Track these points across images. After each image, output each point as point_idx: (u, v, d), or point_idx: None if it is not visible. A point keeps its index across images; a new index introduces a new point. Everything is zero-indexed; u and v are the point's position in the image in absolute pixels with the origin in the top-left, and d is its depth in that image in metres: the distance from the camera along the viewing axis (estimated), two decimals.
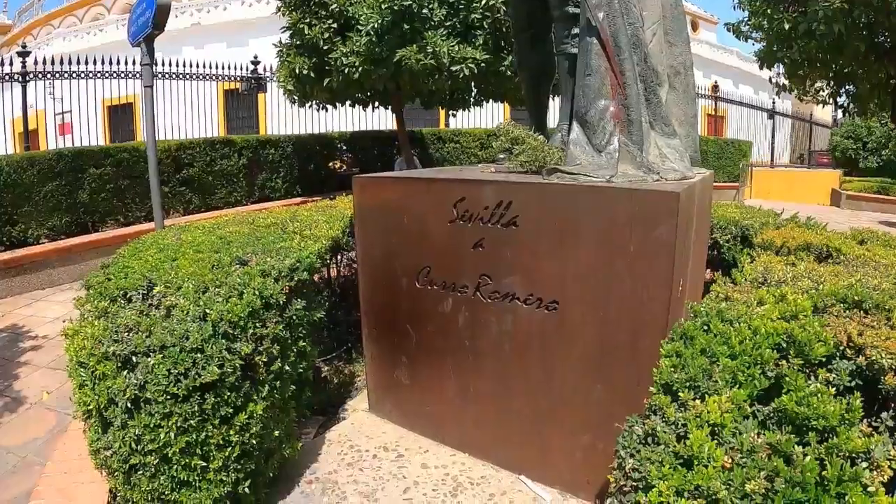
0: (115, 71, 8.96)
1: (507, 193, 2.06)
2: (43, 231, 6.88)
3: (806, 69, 9.14)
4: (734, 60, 23.52)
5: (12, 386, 4.03)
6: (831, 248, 2.57)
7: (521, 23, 3.23)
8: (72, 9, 27.01)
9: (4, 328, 5.26)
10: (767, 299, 1.63)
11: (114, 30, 18.65)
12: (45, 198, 6.86)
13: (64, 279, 6.72)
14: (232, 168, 8.97)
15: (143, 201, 7.84)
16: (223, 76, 10.44)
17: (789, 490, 0.93)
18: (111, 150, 7.64)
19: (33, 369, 4.29)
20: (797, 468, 0.96)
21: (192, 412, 1.82)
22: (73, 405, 2.15)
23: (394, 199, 2.50)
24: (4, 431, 3.36)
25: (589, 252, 1.91)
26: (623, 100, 2.30)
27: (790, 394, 1.15)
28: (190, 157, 8.38)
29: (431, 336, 2.44)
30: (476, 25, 6.71)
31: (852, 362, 1.32)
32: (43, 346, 4.81)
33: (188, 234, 2.89)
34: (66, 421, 3.34)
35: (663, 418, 1.17)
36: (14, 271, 6.32)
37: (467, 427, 2.40)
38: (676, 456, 1.06)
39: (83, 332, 1.99)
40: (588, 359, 1.95)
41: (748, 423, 1.12)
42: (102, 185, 7.41)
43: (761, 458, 1.01)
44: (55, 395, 3.82)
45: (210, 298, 1.98)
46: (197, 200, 8.53)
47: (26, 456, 3.06)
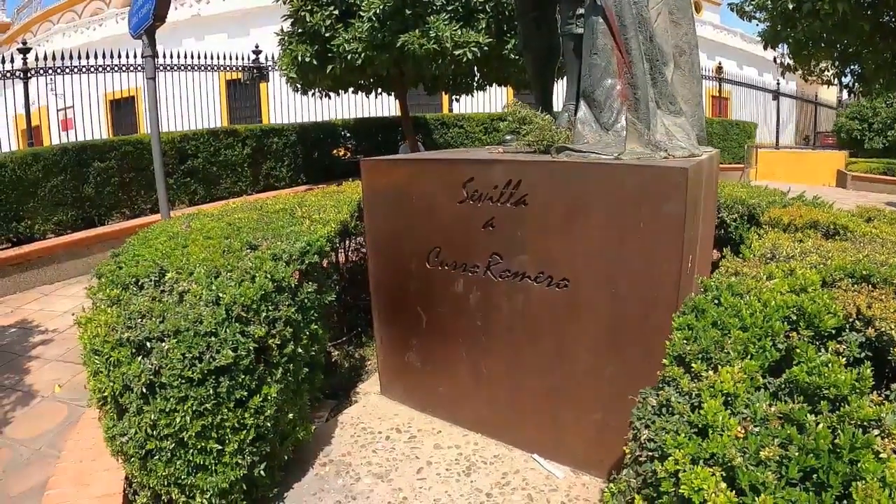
0: (115, 64, 8.95)
1: (516, 172, 2.06)
2: (49, 226, 6.91)
3: (810, 49, 9.04)
4: (738, 42, 23.33)
5: (24, 380, 4.07)
6: (838, 226, 2.56)
7: (525, 5, 3.22)
8: (71, 4, 26.92)
9: (14, 323, 5.29)
10: (776, 273, 1.64)
11: (113, 24, 18.60)
12: (51, 193, 6.88)
13: (71, 273, 6.77)
14: (236, 158, 9.00)
15: (149, 193, 7.86)
16: (225, 66, 10.41)
17: (803, 457, 0.94)
18: (115, 144, 7.65)
19: (44, 363, 4.33)
20: (810, 436, 0.97)
21: (208, 396, 1.84)
22: (88, 393, 2.17)
23: (402, 180, 2.51)
24: (18, 425, 3.40)
25: (599, 229, 1.92)
26: (630, 78, 2.30)
27: (801, 364, 1.16)
28: (194, 147, 8.42)
29: (442, 317, 2.45)
30: (478, 9, 6.70)
31: (861, 334, 1.33)
32: (53, 339, 4.84)
33: (197, 222, 2.90)
34: (78, 412, 3.38)
35: (677, 389, 1.18)
36: (21, 267, 6.36)
37: (480, 407, 2.42)
38: (691, 425, 1.07)
39: (97, 320, 2.01)
40: (599, 336, 1.97)
41: (760, 395, 1.13)
42: (107, 178, 7.44)
43: (774, 426, 1.02)
44: (67, 387, 3.85)
45: (222, 283, 1.99)
46: (202, 191, 8.59)
47: (40, 448, 3.10)
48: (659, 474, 1.01)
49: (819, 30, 8.12)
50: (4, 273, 6.20)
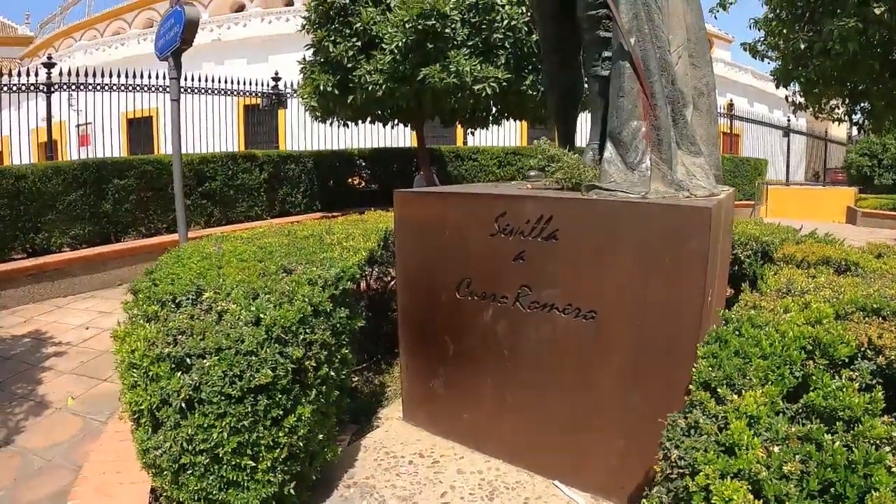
0: (137, 84, 9.20)
1: (548, 208, 2.18)
2: (66, 239, 7.05)
3: (821, 87, 9.24)
4: (749, 79, 23.66)
5: (36, 390, 4.11)
6: (849, 262, 2.69)
7: (550, 45, 3.37)
8: (93, 22, 27.72)
9: (27, 333, 5.37)
10: (792, 307, 1.75)
11: (135, 44, 19.12)
12: (69, 207, 7.05)
13: (85, 287, 6.87)
14: (253, 182, 9.17)
15: (165, 213, 8.06)
16: (244, 92, 10.66)
17: (822, 471, 1.05)
18: (135, 162, 7.87)
19: (57, 374, 4.37)
20: (827, 452, 1.08)
21: (246, 413, 1.91)
22: (111, 406, 2.25)
23: (435, 212, 2.62)
24: (30, 434, 3.44)
25: (626, 264, 2.02)
26: (654, 120, 2.42)
27: (817, 390, 1.27)
28: (212, 170, 8.61)
29: (469, 346, 2.54)
30: (498, 45, 6.87)
31: (873, 362, 1.44)
32: (67, 352, 4.88)
33: (228, 244, 3.01)
34: (93, 426, 3.46)
35: (704, 411, 1.29)
36: (36, 278, 6.48)
37: (503, 434, 2.50)
38: (719, 444, 1.18)
39: (135, 335, 2.08)
40: (624, 366, 2.06)
41: (780, 418, 1.25)
42: (126, 196, 7.62)
43: (795, 444, 1.13)
44: (80, 400, 3.90)
45: (262, 304, 2.08)
46: (218, 213, 8.77)
47: (52, 458, 3.14)
48: (690, 489, 1.12)
49: (830, 68, 8.32)
50: (19, 283, 6.33)
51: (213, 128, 10.24)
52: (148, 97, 9.42)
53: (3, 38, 33.07)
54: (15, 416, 3.71)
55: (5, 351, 4.93)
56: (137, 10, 26.10)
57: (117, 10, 27.14)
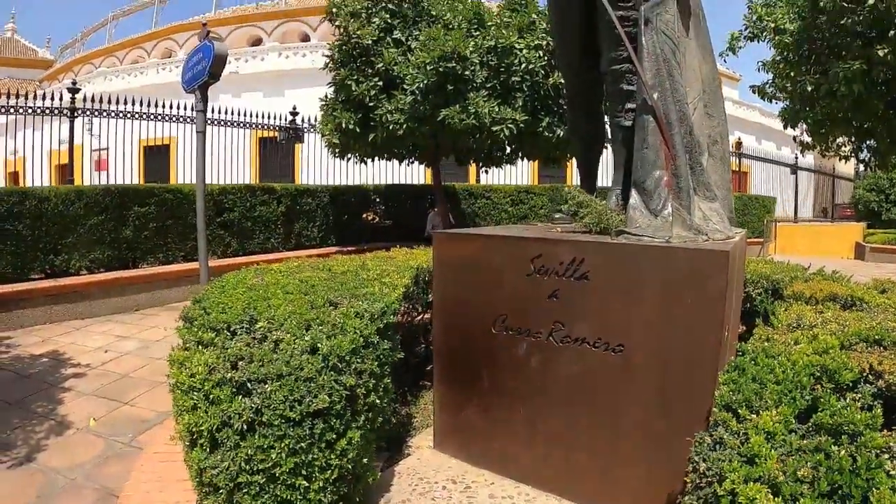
0: (159, 114, 9.42)
1: (580, 251, 2.40)
2: (85, 263, 7.28)
3: (828, 127, 9.54)
4: (756, 116, 24.05)
5: (57, 410, 4.18)
6: (855, 298, 2.92)
7: (576, 96, 3.65)
8: (113, 50, 28.49)
9: (45, 353, 5.50)
10: (802, 339, 1.99)
11: (153, 73, 19.66)
12: (90, 231, 7.28)
13: (102, 311, 7.06)
14: (271, 214, 9.42)
15: (184, 241, 8.31)
16: (263, 125, 10.91)
17: (830, 475, 1.28)
18: (156, 190, 8.12)
19: (77, 395, 4.45)
20: (835, 460, 1.31)
21: (304, 435, 2.08)
22: (175, 428, 2.43)
23: (472, 253, 2.83)
24: (52, 453, 3.51)
25: (651, 301, 2.24)
26: (674, 170, 2.67)
27: (825, 410, 1.49)
28: (231, 201, 8.88)
29: (503, 377, 2.73)
30: (516, 88, 7.14)
31: (874, 385, 1.66)
32: (86, 374, 4.96)
33: (270, 276, 3.22)
34: (115, 448, 3.56)
35: (727, 429, 1.52)
36: (54, 299, 6.67)
37: (533, 461, 2.66)
38: (741, 455, 1.41)
39: (195, 360, 2.27)
40: (649, 395, 2.25)
41: (793, 435, 1.47)
42: (146, 223, 7.86)
43: (807, 454, 1.35)
44: (102, 422, 3.97)
45: (316, 334, 2.30)
46: (235, 244, 9.03)
47: (75, 478, 3.22)
48: (718, 493, 1.34)
49: (836, 109, 8.61)
50: (37, 303, 6.52)
51: (228, 159, 10.46)
52: (165, 126, 9.72)
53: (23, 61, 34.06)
54: (36, 434, 3.79)
55: (23, 369, 5.03)
56: (156, 40, 26.85)
57: (137, 38, 27.95)
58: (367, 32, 7.38)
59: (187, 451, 2.32)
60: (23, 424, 3.89)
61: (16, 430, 3.79)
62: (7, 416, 4.02)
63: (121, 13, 31.03)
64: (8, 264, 6.62)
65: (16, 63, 33.72)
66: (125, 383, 4.74)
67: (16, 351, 5.59)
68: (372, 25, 7.52)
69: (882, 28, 7.52)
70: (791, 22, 8.61)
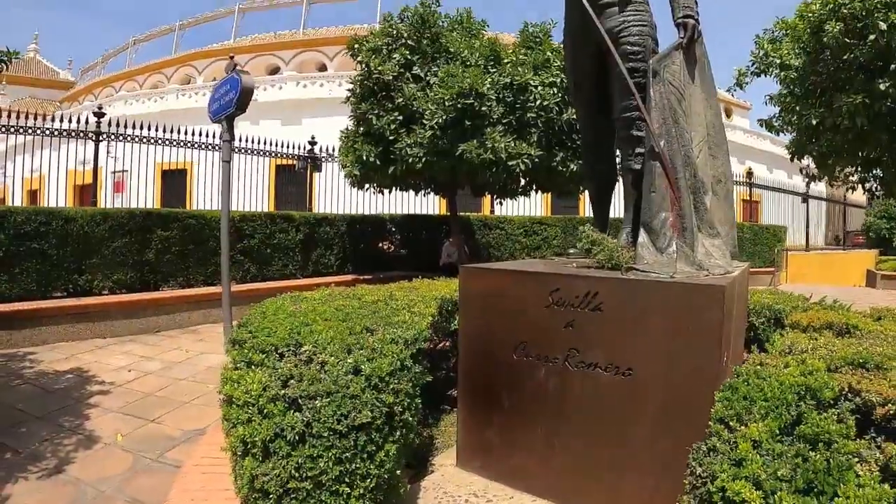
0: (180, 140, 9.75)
1: (594, 286, 2.71)
2: (107, 283, 7.60)
3: (834, 159, 9.85)
4: (767, 146, 24.36)
5: (84, 425, 4.31)
6: (849, 326, 3.24)
7: (589, 139, 3.97)
8: (133, 74, 29.27)
9: (69, 370, 5.71)
10: (791, 363, 2.27)
11: (173, 98, 20.27)
12: (114, 252, 7.62)
13: (124, 331, 7.32)
14: (289, 242, 9.69)
15: (205, 266, 8.62)
16: (282, 154, 11.21)
17: (807, 474, 1.55)
18: (179, 215, 8.47)
19: (103, 412, 4.59)
20: (811, 463, 1.59)
21: (349, 446, 2.37)
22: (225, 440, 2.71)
23: (495, 286, 3.14)
24: (81, 466, 3.64)
25: (657, 331, 2.53)
26: (679, 211, 2.98)
27: (807, 424, 1.78)
28: (251, 228, 9.18)
29: (523, 399, 3.01)
30: (531, 123, 7.46)
31: (852, 402, 1.94)
32: (111, 391, 5.13)
33: (305, 304, 3.55)
34: (143, 462, 3.71)
35: (720, 438, 1.80)
36: (77, 318, 6.94)
37: (550, 476, 2.93)
38: (730, 459, 1.69)
39: (249, 378, 2.56)
40: (655, 415, 2.53)
41: (777, 444, 1.74)
42: (168, 246, 8.19)
43: (788, 459, 1.63)
44: (128, 438, 4.10)
45: (358, 357, 2.61)
46: (254, 270, 9.38)
47: (105, 490, 3.34)
48: (711, 490, 1.62)
49: (841, 142, 8.91)
50: (60, 321, 6.80)
51: (246, 186, 10.74)
52: (183, 150, 10.01)
53: (45, 81, 35.10)
54: (65, 447, 3.92)
55: (49, 384, 5.22)
56: (176, 66, 27.63)
57: (157, 63, 28.75)
58: (387, 69, 7.73)
59: (238, 461, 2.57)
60: (51, 437, 4.05)
61: (44, 443, 3.96)
62: (35, 428, 4.20)
63: (142, 38, 31.95)
64: (33, 282, 6.95)
65: (37, 83, 34.81)
66: (150, 402, 4.90)
67: (40, 366, 5.81)
68: (392, 61, 7.86)
69: (884, 62, 7.86)
70: (796, 57, 8.92)
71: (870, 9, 7.62)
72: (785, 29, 9.49)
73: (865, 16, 7.71)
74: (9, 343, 6.48)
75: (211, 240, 8.62)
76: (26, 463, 3.66)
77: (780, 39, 9.56)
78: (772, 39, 9.67)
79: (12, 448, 3.86)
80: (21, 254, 6.89)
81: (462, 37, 8.42)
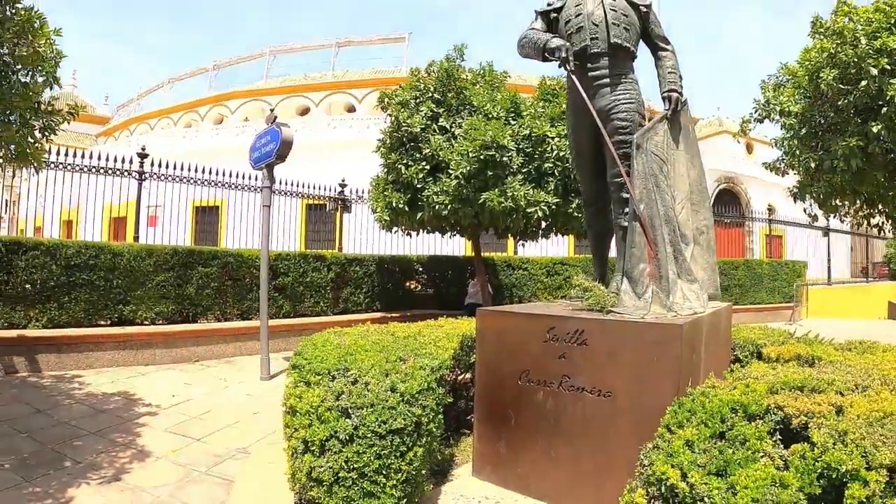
0: (219, 181, 10.39)
1: (581, 325, 3.40)
2: (150, 314, 8.22)
3: (834, 199, 10.28)
4: (790, 180, 24.60)
5: (136, 441, 4.69)
6: (814, 357, 3.88)
7: (589, 198, 4.67)
8: (168, 112, 30.39)
9: (116, 392, 6.20)
10: (739, 386, 2.88)
11: (207, 138, 21.26)
12: (157, 286, 8.27)
13: (165, 360, 7.96)
14: (321, 280, 10.23)
15: (241, 301, 9.29)
16: (314, 195, 11.81)
17: (720, 463, 2.19)
18: (219, 253, 9.12)
19: (153, 430, 5.00)
20: (726, 455, 2.23)
21: (386, 446, 3.04)
22: (285, 442, 3.38)
23: (505, 325, 3.83)
24: (137, 475, 4.04)
25: (630, 360, 3.20)
26: (655, 262, 3.70)
27: (734, 430, 2.42)
28: (286, 266, 9.77)
29: (526, 417, 3.66)
30: (548, 173, 8.08)
31: (776, 415, 2.54)
32: (158, 413, 5.58)
33: (347, 338, 4.28)
34: (194, 475, 4.14)
35: (662, 439, 2.47)
36: (121, 345, 7.61)
37: (548, 482, 3.56)
38: (666, 452, 2.35)
39: (310, 393, 3.26)
40: (629, 428, 3.16)
41: (706, 444, 2.42)
42: (208, 282, 8.83)
43: (710, 452, 2.31)
44: (180, 453, 4.48)
45: (394, 379, 3.34)
46: (287, 307, 9.90)
47: (160, 496, 3.76)
48: (649, 474, 2.30)
49: (840, 182, 9.38)
50: (105, 348, 7.46)
51: (277, 225, 11.13)
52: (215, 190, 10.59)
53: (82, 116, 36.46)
54: (120, 459, 4.29)
55: (98, 405, 5.67)
56: (210, 105, 28.85)
57: (191, 103, 30.02)
58: (415, 121, 8.42)
59: (298, 458, 3.22)
60: (106, 450, 4.43)
61: (101, 455, 4.35)
62: (90, 442, 4.60)
63: (176, 78, 33.30)
64: (81, 310, 7.61)
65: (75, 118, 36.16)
66: (194, 423, 5.32)
67: (88, 388, 6.31)
68: (420, 114, 8.55)
69: (876, 106, 8.36)
70: (795, 104, 9.47)
71: (861, 55, 8.12)
72: (788, 74, 10.08)
73: (858, 62, 8.22)
74: (57, 365, 7.13)
75: (247, 277, 9.25)
76: (86, 471, 4.09)
77: (784, 84, 10.12)
78: (776, 85, 10.25)
79: (71, 458, 4.28)
80: (71, 284, 7.51)
81: (484, 90, 9.08)
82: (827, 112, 9.20)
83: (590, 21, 4.28)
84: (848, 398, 2.67)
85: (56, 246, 7.47)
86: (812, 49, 9.23)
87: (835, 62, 8.68)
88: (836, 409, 2.54)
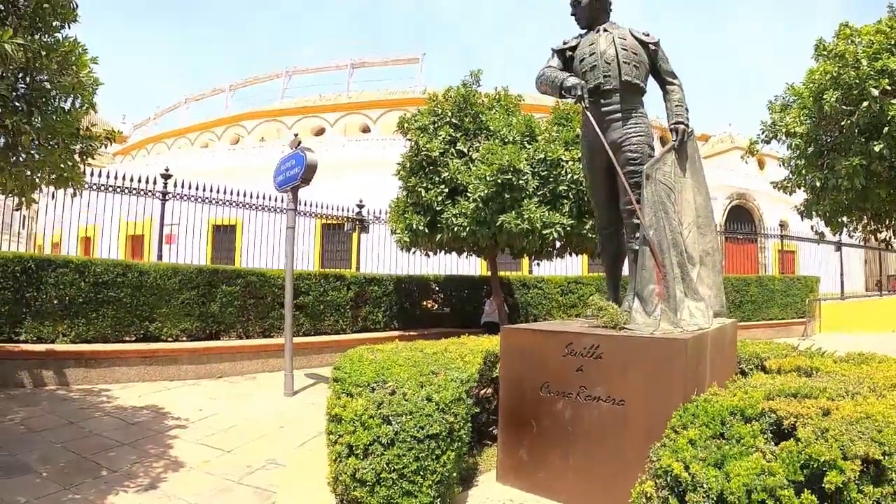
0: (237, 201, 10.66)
1: (597, 340, 3.79)
2: (175, 331, 8.46)
3: (840, 218, 10.61)
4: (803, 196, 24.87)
5: (168, 452, 4.84)
6: (813, 368, 4.24)
7: (603, 223, 5.07)
8: (185, 132, 30.51)
9: (145, 406, 6.37)
10: (738, 393, 3.25)
11: (223, 157, 21.66)
12: (182, 304, 8.52)
13: (189, 376, 8.20)
14: (341, 299, 10.52)
15: (263, 319, 9.52)
16: (332, 215, 12.12)
17: (718, 457, 2.57)
18: (242, 272, 9.38)
19: (184, 442, 5.16)
20: (723, 450, 2.62)
21: (423, 449, 3.41)
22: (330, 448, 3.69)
23: (527, 341, 4.21)
24: (172, 484, 4.19)
25: (641, 373, 3.58)
26: (664, 283, 4.12)
27: (732, 430, 2.80)
28: (307, 286, 10.11)
29: (546, 426, 4.02)
30: (563, 195, 8.39)
31: (770, 418, 2.89)
32: (187, 426, 5.73)
33: (381, 354, 4.69)
34: (226, 484, 4.29)
35: (668, 438, 2.87)
36: (147, 361, 7.84)
37: (566, 486, 3.89)
38: (671, 449, 2.74)
39: (353, 403, 3.64)
40: (641, 434, 3.50)
41: (707, 442, 2.83)
42: (231, 300, 9.08)
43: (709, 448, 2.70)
44: (212, 464, 4.64)
45: (429, 390, 3.74)
46: (308, 325, 10.15)
47: (197, 503, 3.95)
48: (657, 468, 2.70)
49: (844, 200, 9.76)
50: (131, 363, 7.70)
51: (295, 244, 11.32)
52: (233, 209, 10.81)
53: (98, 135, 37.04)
54: (154, 469, 4.43)
55: (128, 417, 5.86)
56: (226, 126, 29.21)
57: (208, 122, 30.35)
58: (434, 146, 8.76)
59: (341, 462, 3.59)
60: (140, 460, 4.59)
61: (136, 465, 4.51)
62: (123, 453, 4.76)
63: (193, 98, 33.69)
64: (108, 326, 7.88)
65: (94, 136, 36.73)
66: (223, 436, 5.49)
67: (117, 402, 6.50)
68: (438, 139, 8.89)
69: (877, 125, 8.74)
70: (801, 125, 9.82)
71: (863, 77, 8.49)
72: (794, 95, 10.43)
73: (860, 83, 8.58)
74: (85, 380, 7.37)
75: (269, 295, 9.53)
76: (122, 479, 4.24)
77: (790, 105, 10.48)
78: (783, 105, 10.62)
79: (107, 467, 4.44)
80: (98, 300, 7.80)
81: (500, 114, 9.41)
82: (831, 132, 9.57)
83: (602, 60, 4.69)
84: (836, 403, 3.02)
85: (85, 264, 7.81)
86: (816, 71, 9.63)
87: (838, 84, 9.07)
88: (823, 411, 2.88)
